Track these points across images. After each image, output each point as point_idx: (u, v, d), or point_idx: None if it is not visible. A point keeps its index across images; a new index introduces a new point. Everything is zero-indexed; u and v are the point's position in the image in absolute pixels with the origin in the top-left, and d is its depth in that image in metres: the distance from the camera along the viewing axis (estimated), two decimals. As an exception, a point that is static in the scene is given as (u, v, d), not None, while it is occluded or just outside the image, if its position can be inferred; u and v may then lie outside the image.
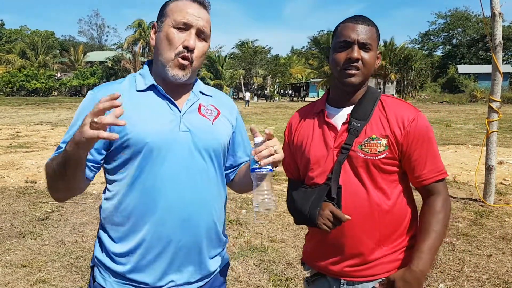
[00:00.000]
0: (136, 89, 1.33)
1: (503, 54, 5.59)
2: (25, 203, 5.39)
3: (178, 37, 1.28)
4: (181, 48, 1.28)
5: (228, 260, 1.52)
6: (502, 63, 5.45)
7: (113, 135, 1.01)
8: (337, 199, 1.38)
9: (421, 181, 1.40)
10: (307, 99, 46.28)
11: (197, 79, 1.45)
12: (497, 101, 5.48)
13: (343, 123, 1.43)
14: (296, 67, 55.49)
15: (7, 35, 58.10)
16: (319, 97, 1.61)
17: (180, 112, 1.32)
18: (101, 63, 48.60)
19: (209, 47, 1.39)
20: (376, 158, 1.37)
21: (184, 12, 1.29)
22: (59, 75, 46.71)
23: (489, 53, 43.94)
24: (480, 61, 53.52)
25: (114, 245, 1.31)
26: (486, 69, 40.18)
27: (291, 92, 53.16)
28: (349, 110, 1.44)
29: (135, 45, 43.99)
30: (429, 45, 62.10)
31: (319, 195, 1.41)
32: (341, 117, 1.45)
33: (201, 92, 1.42)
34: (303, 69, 52.42)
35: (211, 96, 1.45)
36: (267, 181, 1.20)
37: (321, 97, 1.58)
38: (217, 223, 1.38)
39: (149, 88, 1.33)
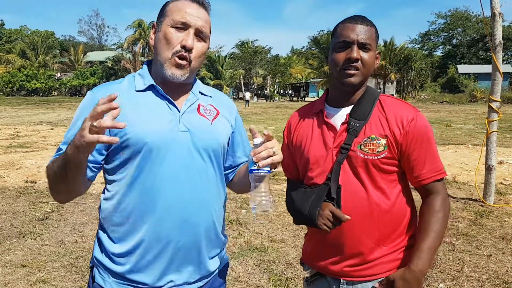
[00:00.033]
0: (135, 89, 1.33)
1: (503, 54, 5.59)
2: (25, 203, 5.39)
3: (176, 37, 1.28)
4: (179, 47, 1.27)
5: (227, 260, 1.52)
6: (502, 63, 5.45)
7: (114, 138, 1.01)
8: (336, 199, 1.38)
9: (420, 180, 1.41)
10: (307, 99, 46.25)
11: (197, 79, 1.44)
12: (497, 101, 5.48)
13: (342, 123, 1.43)
14: (296, 67, 55.46)
15: (7, 35, 58.11)
16: (319, 97, 1.61)
17: (179, 112, 1.32)
18: (101, 63, 48.60)
19: (209, 47, 1.39)
20: (375, 158, 1.37)
21: (182, 12, 1.29)
22: (59, 75, 46.71)
23: (489, 53, 43.93)
24: (480, 61, 53.51)
25: (113, 246, 1.31)
26: (486, 69, 40.18)
27: (291, 92, 53.15)
28: (348, 110, 1.44)
29: (135, 45, 43.99)
30: (429, 45, 62.09)
31: (318, 195, 1.41)
32: (340, 117, 1.45)
33: (200, 92, 1.42)
34: (303, 69, 52.38)
35: (210, 96, 1.45)
36: (265, 183, 1.20)
37: (320, 97, 1.58)
38: (217, 223, 1.38)
39: (148, 88, 1.33)
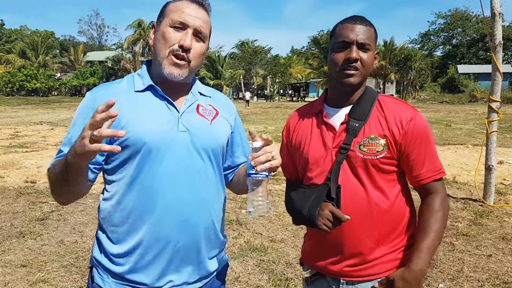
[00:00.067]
0: (134, 90, 1.33)
1: (503, 54, 5.59)
2: (25, 203, 5.39)
3: (174, 36, 1.28)
4: (176, 46, 1.27)
5: (227, 260, 1.52)
6: (502, 63, 5.45)
7: (116, 147, 1.01)
8: (336, 199, 1.38)
9: (419, 180, 1.41)
10: (307, 99, 46.27)
11: (196, 80, 1.44)
12: (497, 101, 5.48)
13: (342, 123, 1.43)
14: (296, 67, 55.45)
15: (7, 35, 58.12)
16: (318, 97, 1.61)
17: (178, 112, 1.32)
18: (101, 63, 48.61)
19: (208, 48, 1.39)
20: (374, 158, 1.37)
21: (181, 12, 1.29)
22: (59, 75, 46.72)
23: (489, 53, 43.93)
24: (480, 61, 53.50)
25: (112, 246, 1.31)
26: (486, 69, 40.18)
27: (291, 92, 53.15)
28: (347, 110, 1.44)
29: (135, 45, 44.00)
30: (429, 45, 62.08)
31: (318, 195, 1.41)
32: (339, 117, 1.45)
33: (199, 92, 1.42)
34: (303, 69, 52.37)
35: (209, 96, 1.45)
36: (263, 187, 1.21)
37: (319, 97, 1.58)
38: (216, 223, 1.38)
39: (147, 88, 1.33)
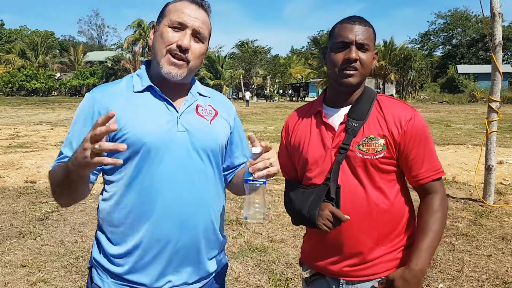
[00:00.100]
0: (133, 90, 1.33)
1: (502, 54, 5.60)
2: (24, 203, 5.39)
3: (172, 36, 1.28)
4: (174, 46, 1.27)
5: (226, 261, 1.52)
6: (501, 63, 5.45)
7: (118, 161, 1.02)
8: (336, 199, 1.38)
9: (418, 180, 1.41)
10: (306, 99, 46.25)
11: (195, 80, 1.44)
12: (497, 101, 5.49)
13: (341, 123, 1.43)
14: (296, 67, 55.42)
15: (7, 35, 58.10)
16: (317, 97, 1.61)
17: (177, 112, 1.32)
18: (100, 63, 48.60)
19: (207, 48, 1.39)
20: (374, 157, 1.38)
21: (180, 12, 1.29)
22: (58, 75, 46.73)
23: (488, 53, 43.87)
24: (480, 61, 53.50)
25: (111, 246, 1.31)
26: (485, 69, 40.16)
27: (290, 92, 53.13)
28: (346, 110, 1.44)
29: (135, 45, 44.03)
30: (429, 45, 62.07)
31: (318, 195, 1.40)
32: (338, 117, 1.45)
33: (199, 93, 1.42)
34: (302, 69, 52.35)
35: (209, 97, 1.45)
36: (260, 194, 1.21)
37: (318, 97, 1.58)
38: (216, 224, 1.38)
39: (146, 89, 1.33)
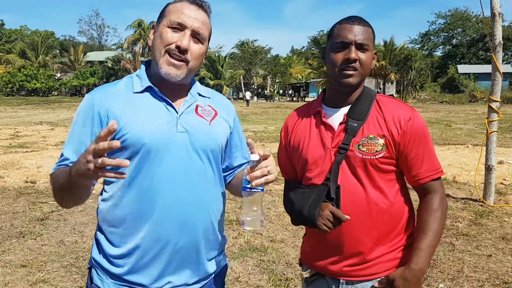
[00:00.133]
0: (133, 91, 1.33)
1: (503, 54, 5.59)
2: (25, 203, 5.39)
3: (171, 36, 1.28)
4: (173, 46, 1.27)
5: (226, 262, 1.52)
6: (502, 63, 5.45)
7: (122, 175, 1.03)
8: (336, 199, 1.38)
9: (418, 180, 1.41)
10: (307, 99, 46.24)
11: (195, 81, 1.44)
12: (497, 101, 5.48)
13: (340, 123, 1.43)
14: (296, 67, 55.42)
15: (7, 35, 58.12)
16: (316, 97, 1.61)
17: (177, 113, 1.31)
18: (101, 63, 48.62)
19: (207, 49, 1.39)
20: (374, 157, 1.38)
21: (180, 13, 1.29)
22: (59, 75, 46.73)
23: (489, 53, 43.91)
24: (480, 61, 53.49)
25: (111, 247, 1.30)
26: (486, 69, 40.18)
27: (291, 92, 53.11)
28: (345, 110, 1.45)
29: (135, 45, 44.04)
30: (429, 45, 62.07)
31: (318, 195, 1.40)
32: (338, 117, 1.45)
33: (198, 93, 1.41)
34: (303, 69, 52.36)
35: (208, 97, 1.45)
36: (258, 201, 1.21)
37: (317, 97, 1.58)
38: (215, 224, 1.38)
39: (146, 89, 1.33)
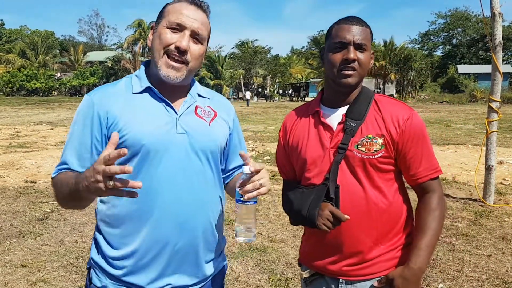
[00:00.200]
0: (132, 92, 1.32)
1: (503, 54, 5.60)
2: (24, 203, 5.39)
3: (170, 37, 1.27)
4: (172, 47, 1.27)
5: (226, 263, 1.52)
6: (502, 63, 5.45)
7: (135, 194, 1.03)
8: (335, 199, 1.38)
9: (416, 179, 1.41)
10: (307, 99, 46.21)
11: (195, 81, 1.44)
12: (497, 101, 5.48)
13: (339, 123, 1.43)
14: (296, 67, 55.40)
15: (7, 35, 58.12)
16: (314, 97, 1.61)
17: (176, 114, 1.31)
18: (101, 63, 48.62)
19: (207, 49, 1.38)
20: (373, 157, 1.38)
21: (179, 13, 1.28)
22: (59, 75, 46.74)
23: (489, 53, 43.90)
24: (480, 61, 53.48)
25: (110, 248, 1.30)
26: (486, 69, 40.14)
27: (291, 92, 53.09)
28: (344, 110, 1.45)
29: (135, 45, 44.06)
30: (429, 45, 62.06)
31: (317, 195, 1.41)
32: (336, 117, 1.45)
33: (198, 94, 1.41)
34: (303, 69, 52.37)
35: (208, 98, 1.44)
36: (250, 213, 1.22)
37: (315, 97, 1.58)
38: (214, 225, 1.38)
39: (145, 90, 1.32)
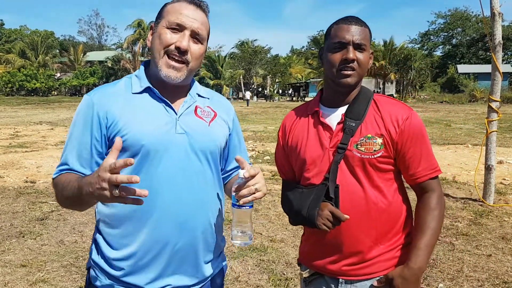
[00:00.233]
0: (131, 92, 1.32)
1: (502, 54, 5.60)
2: (24, 203, 5.39)
3: (170, 37, 1.27)
4: (173, 47, 1.26)
5: (226, 263, 1.51)
6: (501, 63, 5.45)
7: (140, 202, 1.03)
8: (335, 198, 1.38)
9: (415, 178, 1.41)
10: (306, 99, 46.18)
11: (194, 81, 1.44)
12: (497, 101, 5.49)
13: (338, 123, 1.43)
14: (295, 67, 55.36)
15: (7, 35, 58.12)
16: (313, 97, 1.61)
17: (176, 114, 1.31)
18: (100, 63, 48.60)
19: (206, 49, 1.38)
20: (372, 157, 1.38)
21: (178, 13, 1.28)
22: (58, 75, 46.74)
23: (488, 53, 43.86)
24: (479, 61, 53.48)
25: (109, 248, 1.30)
26: (485, 69, 40.14)
27: (291, 91, 53.07)
28: (343, 110, 1.45)
29: (134, 45, 44.06)
30: (428, 45, 62.07)
31: (317, 195, 1.41)
32: (335, 117, 1.45)
33: (198, 94, 1.41)
34: (302, 69, 52.33)
35: (208, 98, 1.44)
36: (247, 217, 1.23)
37: (314, 97, 1.58)
38: (214, 226, 1.38)
39: (145, 90, 1.32)
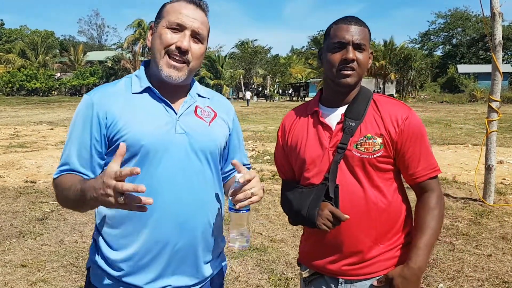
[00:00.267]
0: (131, 92, 1.32)
1: (503, 54, 5.60)
2: (24, 203, 5.39)
3: (170, 37, 1.27)
4: (173, 47, 1.26)
5: (225, 263, 1.51)
6: (502, 63, 5.45)
7: (144, 208, 1.03)
8: (335, 198, 1.38)
9: (415, 178, 1.42)
10: (307, 99, 46.16)
11: (195, 81, 1.44)
12: (497, 101, 5.48)
13: (338, 123, 1.43)
14: (296, 66, 55.36)
15: (7, 34, 58.13)
16: (313, 97, 1.61)
17: (176, 114, 1.31)
18: (101, 62, 48.63)
19: (206, 49, 1.38)
20: (372, 157, 1.38)
21: (178, 13, 1.28)
22: (59, 74, 46.75)
23: (489, 53, 43.85)
24: (480, 61, 53.49)
25: (109, 248, 1.30)
26: (486, 69, 40.14)
27: (291, 91, 53.06)
28: (343, 110, 1.45)
29: (135, 45, 44.09)
30: (429, 45, 62.09)
31: (317, 195, 1.41)
32: (335, 117, 1.45)
33: (198, 94, 1.41)
34: (303, 68, 52.33)
35: (208, 98, 1.44)
36: (243, 220, 1.23)
37: (314, 97, 1.58)
38: (214, 226, 1.38)
39: (145, 90, 1.32)
